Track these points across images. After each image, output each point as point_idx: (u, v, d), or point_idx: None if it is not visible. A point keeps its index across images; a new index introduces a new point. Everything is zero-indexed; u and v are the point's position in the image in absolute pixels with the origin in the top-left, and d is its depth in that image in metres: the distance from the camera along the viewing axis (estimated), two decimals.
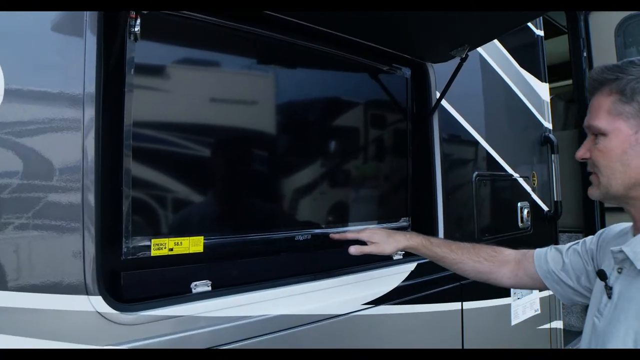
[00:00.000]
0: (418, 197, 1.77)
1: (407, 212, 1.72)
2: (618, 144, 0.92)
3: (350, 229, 1.38)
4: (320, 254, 1.44)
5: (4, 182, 0.85)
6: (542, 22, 2.60)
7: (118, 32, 1.04)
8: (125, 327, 0.98)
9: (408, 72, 1.72)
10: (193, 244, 1.15)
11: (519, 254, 1.28)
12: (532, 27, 2.52)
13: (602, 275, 0.98)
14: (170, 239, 1.11)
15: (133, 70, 1.04)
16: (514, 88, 2.29)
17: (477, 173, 1.99)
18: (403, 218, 1.71)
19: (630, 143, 0.91)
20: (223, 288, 1.18)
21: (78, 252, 0.92)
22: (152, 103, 1.10)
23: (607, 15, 2.98)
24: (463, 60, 1.55)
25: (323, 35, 1.42)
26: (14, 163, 0.86)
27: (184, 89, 1.17)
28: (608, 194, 0.96)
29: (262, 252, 1.32)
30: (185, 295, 1.12)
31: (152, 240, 1.08)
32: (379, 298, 1.49)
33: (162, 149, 1.13)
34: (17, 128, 0.86)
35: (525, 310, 2.21)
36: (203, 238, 1.16)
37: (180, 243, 1.13)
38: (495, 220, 2.09)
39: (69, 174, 0.92)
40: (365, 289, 1.45)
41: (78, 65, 0.94)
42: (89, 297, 0.93)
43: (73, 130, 0.93)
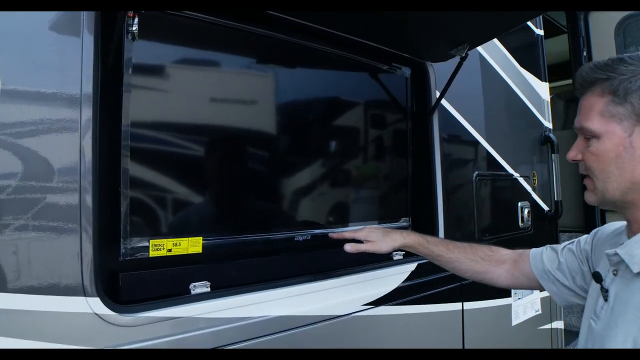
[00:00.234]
0: (418, 196, 1.77)
1: (407, 212, 1.72)
2: (612, 147, 0.89)
3: (348, 229, 1.37)
4: (320, 255, 1.44)
5: (2, 183, 0.84)
6: (542, 21, 2.59)
7: (115, 31, 1.04)
8: (124, 328, 0.97)
9: (408, 71, 1.71)
10: (192, 245, 1.14)
11: (515, 254, 1.28)
12: (532, 26, 2.51)
13: (597, 278, 0.97)
14: (169, 240, 1.11)
15: (131, 70, 1.04)
16: (514, 87, 2.28)
17: (477, 173, 1.98)
18: (403, 218, 1.70)
19: (625, 146, 0.88)
20: (222, 289, 1.17)
21: (76, 253, 0.92)
22: (150, 103, 1.10)
23: (606, 15, 2.98)
24: (463, 60, 1.54)
25: (323, 35, 1.41)
26: (11, 164, 0.86)
27: (183, 89, 1.16)
28: (605, 199, 0.94)
29: (261, 252, 1.31)
30: (184, 297, 1.11)
31: (150, 241, 1.08)
32: (380, 299, 1.49)
33: (160, 150, 1.12)
34: (13, 129, 0.86)
35: (526, 311, 2.20)
36: (202, 239, 1.16)
37: (179, 244, 1.12)
38: (496, 220, 2.08)
39: (67, 175, 0.91)
40: (366, 290, 1.45)
41: (75, 65, 0.93)
42: (87, 298, 0.93)
43: (70, 131, 0.92)
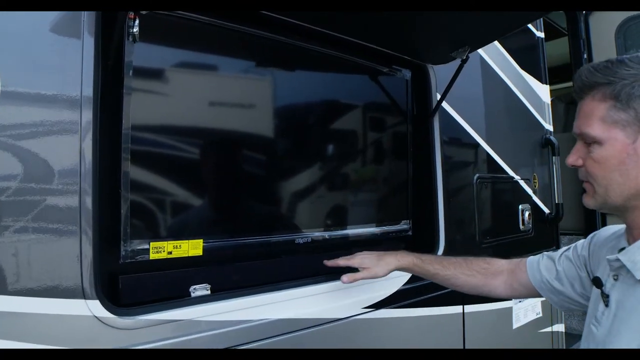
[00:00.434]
0: (419, 199, 1.76)
1: (407, 214, 1.71)
2: (615, 154, 0.87)
3: (342, 258, 1.36)
4: (321, 257, 1.43)
5: (1, 185, 0.84)
6: (542, 24, 2.59)
7: (116, 33, 1.04)
8: (123, 331, 0.97)
9: (408, 73, 1.71)
10: (192, 247, 1.14)
11: (512, 264, 1.27)
12: (532, 28, 2.51)
13: (597, 283, 0.97)
14: (169, 242, 1.10)
15: (131, 72, 1.03)
16: (515, 90, 2.28)
17: (478, 175, 1.97)
18: (404, 221, 1.70)
19: (628, 153, 0.86)
20: (222, 292, 1.17)
21: (75, 255, 0.91)
22: (150, 106, 1.10)
23: (607, 17, 2.97)
24: (464, 62, 1.54)
25: (323, 37, 1.41)
26: (11, 166, 0.85)
27: (183, 91, 1.16)
28: (605, 205, 0.93)
29: (262, 255, 1.31)
30: (184, 299, 1.11)
31: (150, 244, 1.07)
32: (380, 301, 1.48)
33: (160, 152, 1.12)
34: (13, 130, 0.86)
35: (527, 314, 2.20)
36: (202, 241, 1.15)
37: (180, 246, 1.12)
38: (497, 223, 2.08)
39: (67, 177, 0.91)
40: (366, 293, 1.44)
41: (76, 67, 0.93)
42: (87, 301, 0.92)
43: (71, 133, 0.92)
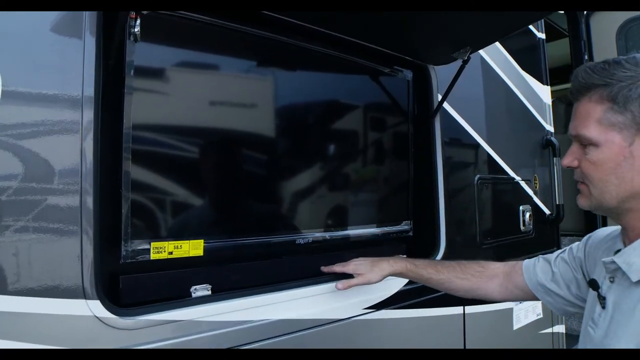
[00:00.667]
0: (420, 200, 1.76)
1: (408, 215, 1.71)
2: (612, 157, 0.87)
3: (337, 265, 1.38)
4: (322, 258, 1.43)
5: (2, 184, 0.84)
6: (543, 25, 2.59)
7: (117, 32, 1.04)
8: (124, 331, 0.97)
9: (409, 74, 1.71)
10: (193, 248, 1.14)
11: (508, 267, 1.26)
12: (533, 29, 2.51)
13: (594, 285, 0.97)
14: (170, 242, 1.10)
15: (133, 72, 1.03)
16: (516, 91, 2.28)
17: (479, 176, 1.97)
18: (405, 221, 1.70)
19: (625, 155, 0.86)
20: (223, 292, 1.17)
21: (76, 255, 0.91)
22: (152, 105, 1.09)
23: (608, 18, 2.97)
24: (465, 63, 1.54)
25: (324, 37, 1.41)
26: (12, 165, 0.85)
27: (185, 91, 1.16)
28: (601, 207, 0.93)
29: (262, 255, 1.31)
30: (185, 300, 1.11)
31: (151, 244, 1.07)
32: (381, 302, 1.48)
33: (161, 152, 1.12)
34: (14, 130, 0.85)
35: (527, 315, 2.19)
36: (203, 241, 1.15)
37: (180, 246, 1.12)
38: (497, 224, 2.07)
39: (68, 177, 0.91)
40: (367, 293, 1.44)
41: (77, 67, 0.93)
42: (87, 301, 0.92)
43: (72, 133, 0.92)
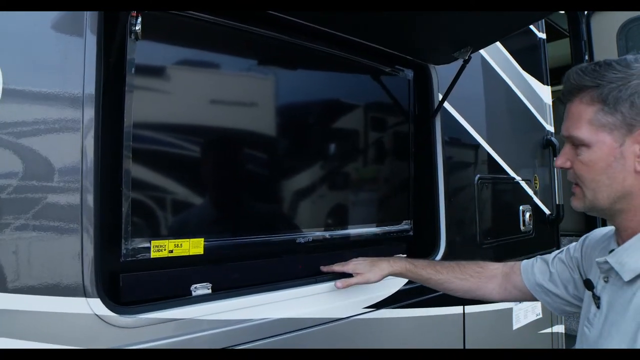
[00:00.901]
0: (420, 199, 1.76)
1: (408, 214, 1.71)
2: (603, 157, 0.88)
3: (336, 264, 1.38)
4: (322, 257, 1.43)
5: (2, 182, 0.84)
6: (544, 25, 2.59)
7: (118, 31, 1.03)
8: (124, 330, 0.97)
9: (410, 73, 1.71)
10: (193, 246, 1.14)
11: (506, 267, 1.27)
12: (534, 29, 2.51)
13: (589, 285, 0.98)
14: (170, 241, 1.10)
15: (134, 70, 1.03)
16: (516, 91, 2.28)
17: (479, 176, 1.97)
18: (405, 221, 1.70)
19: (616, 156, 0.87)
20: (223, 291, 1.17)
21: (77, 253, 0.91)
22: (152, 104, 1.09)
23: (608, 19, 2.96)
24: (466, 62, 1.54)
25: (325, 36, 1.41)
26: (13, 164, 0.85)
27: (185, 90, 1.16)
28: (594, 208, 0.93)
29: (263, 254, 1.31)
30: (185, 298, 1.11)
31: (151, 242, 1.07)
32: (381, 301, 1.48)
33: (162, 150, 1.12)
34: (15, 128, 0.85)
35: (527, 315, 2.19)
36: (203, 240, 1.15)
37: (181, 245, 1.12)
38: (498, 224, 2.07)
39: (68, 175, 0.91)
40: (367, 293, 1.44)
41: (78, 65, 0.93)
42: (88, 299, 0.92)
43: (72, 131, 0.92)
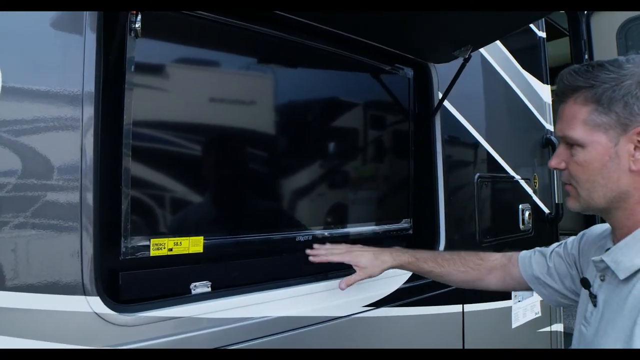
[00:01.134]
0: (419, 198, 1.76)
1: (408, 213, 1.71)
2: (598, 157, 0.88)
3: (333, 252, 1.31)
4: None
5: (2, 181, 0.84)
6: (544, 24, 2.59)
7: (118, 29, 1.03)
8: (123, 328, 0.96)
9: (410, 72, 1.71)
10: (193, 244, 1.14)
11: (505, 258, 1.28)
12: (534, 28, 2.51)
13: (585, 284, 0.98)
14: (170, 239, 1.10)
15: (133, 68, 1.03)
16: (516, 89, 2.28)
17: (478, 174, 1.97)
18: (404, 219, 1.70)
19: (611, 156, 0.87)
20: (223, 289, 1.17)
21: (76, 251, 0.91)
22: (152, 102, 1.09)
23: (608, 18, 2.96)
24: (466, 61, 1.54)
25: (325, 34, 1.41)
26: (12, 162, 0.85)
27: (185, 88, 1.16)
28: (589, 208, 0.94)
29: (262, 252, 1.31)
30: (185, 296, 1.11)
31: (151, 240, 1.07)
32: (381, 300, 1.48)
33: (162, 149, 1.11)
34: (15, 126, 0.85)
35: (526, 313, 2.20)
36: (203, 238, 1.15)
37: (180, 243, 1.12)
38: (497, 222, 2.08)
39: (68, 173, 0.91)
40: (366, 291, 1.44)
41: (77, 63, 0.93)
42: (87, 297, 0.92)
43: (72, 129, 0.92)
